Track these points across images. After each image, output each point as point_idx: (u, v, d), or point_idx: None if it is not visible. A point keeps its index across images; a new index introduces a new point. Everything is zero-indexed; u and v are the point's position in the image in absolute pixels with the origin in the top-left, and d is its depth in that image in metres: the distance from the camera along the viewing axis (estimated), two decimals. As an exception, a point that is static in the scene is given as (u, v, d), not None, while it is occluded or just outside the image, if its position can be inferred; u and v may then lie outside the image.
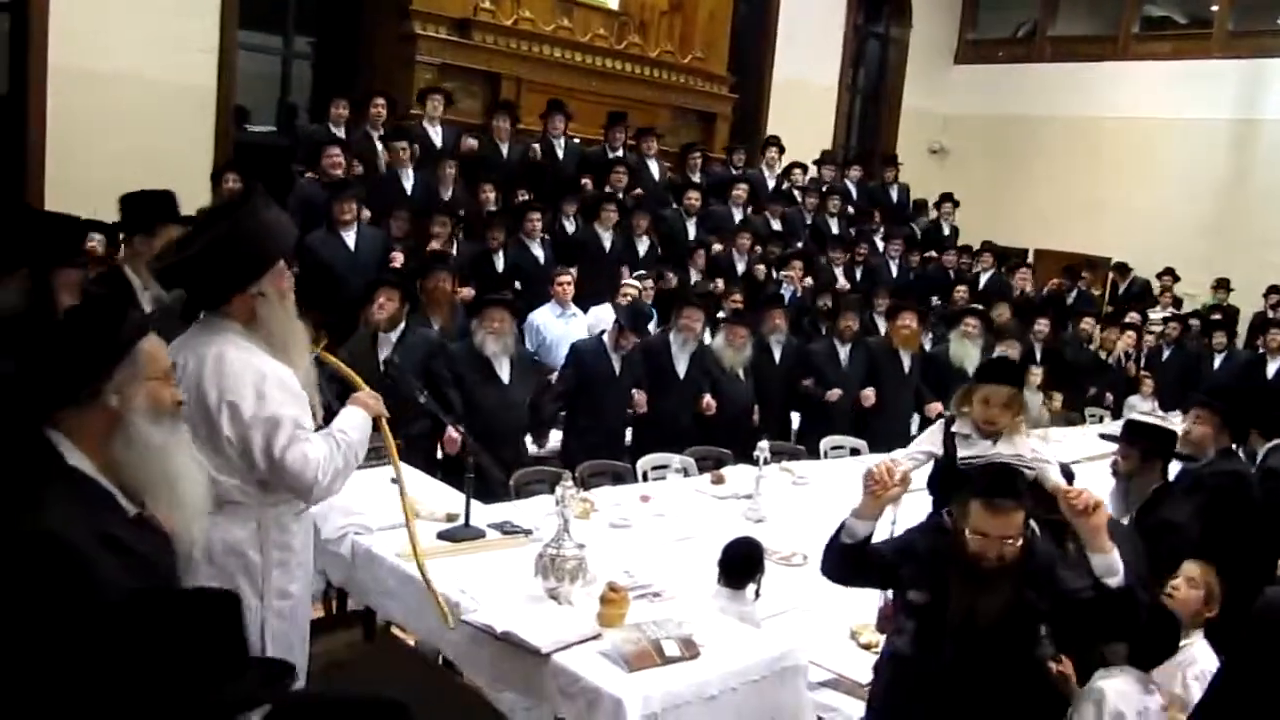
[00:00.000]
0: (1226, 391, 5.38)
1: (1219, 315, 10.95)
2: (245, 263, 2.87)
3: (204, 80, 8.93)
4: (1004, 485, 2.85)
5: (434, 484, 4.61)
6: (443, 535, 3.91)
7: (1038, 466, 3.89)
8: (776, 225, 10.34)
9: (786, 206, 10.70)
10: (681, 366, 6.44)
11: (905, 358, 7.34)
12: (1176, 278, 12.22)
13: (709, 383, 6.53)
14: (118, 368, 2.05)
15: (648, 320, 6.11)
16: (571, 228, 8.77)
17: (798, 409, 7.33)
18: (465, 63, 9.74)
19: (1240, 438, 4.76)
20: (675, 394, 6.38)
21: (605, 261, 8.42)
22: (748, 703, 3.06)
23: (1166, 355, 10.13)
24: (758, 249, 9.50)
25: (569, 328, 7.25)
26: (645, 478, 5.74)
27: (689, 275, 8.68)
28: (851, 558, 3.09)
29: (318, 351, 3.17)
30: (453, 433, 5.12)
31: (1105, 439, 4.83)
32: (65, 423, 2.01)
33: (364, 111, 8.50)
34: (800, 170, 11.63)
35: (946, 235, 11.88)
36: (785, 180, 11.37)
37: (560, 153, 9.55)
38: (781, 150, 11.49)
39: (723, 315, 7.18)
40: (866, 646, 3.56)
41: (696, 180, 10.25)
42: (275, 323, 2.92)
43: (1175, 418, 8.42)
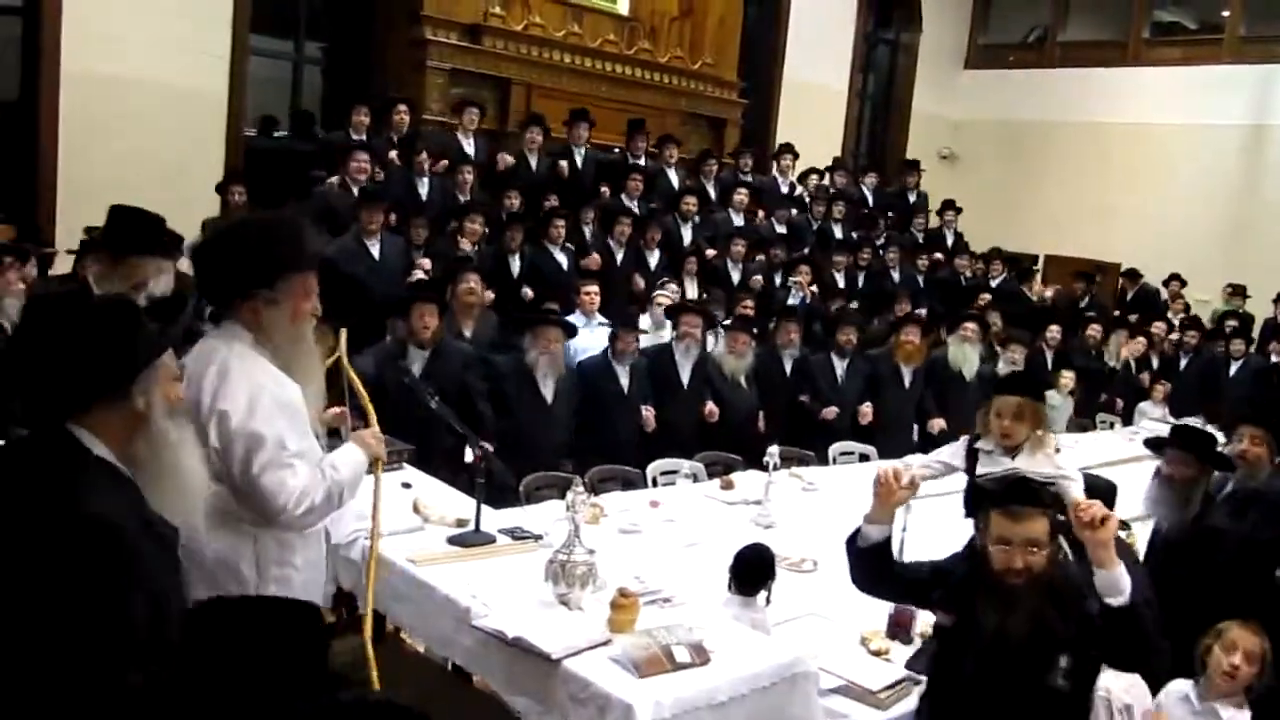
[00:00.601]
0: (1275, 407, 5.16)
1: (1235, 321, 10.88)
2: (262, 262, 2.81)
3: (215, 85, 8.97)
4: (1021, 492, 2.83)
5: (445, 490, 4.61)
6: (453, 540, 3.91)
7: (1058, 482, 3.77)
8: (781, 230, 10.31)
9: (792, 212, 10.67)
10: (685, 374, 6.44)
11: (907, 372, 7.26)
12: (1184, 283, 12.18)
13: (711, 391, 6.51)
14: (148, 370, 2.15)
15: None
16: (590, 236, 8.80)
17: (800, 422, 7.20)
18: (475, 68, 9.76)
19: None
20: (679, 402, 6.39)
21: (616, 274, 8.41)
22: (758, 709, 3.05)
23: (1185, 363, 10.06)
24: (760, 256, 9.46)
25: (594, 338, 7.21)
26: (655, 483, 5.74)
27: (683, 282, 8.62)
28: (867, 563, 3.08)
29: (334, 359, 3.12)
30: (469, 451, 5.12)
31: (1150, 445, 4.65)
32: (90, 419, 2.08)
33: (386, 118, 8.53)
34: (816, 175, 11.61)
35: (951, 244, 11.79)
36: (801, 186, 11.35)
37: (580, 161, 9.59)
38: (796, 156, 11.49)
39: (726, 322, 7.15)
40: (877, 653, 3.55)
41: (710, 187, 10.25)
42: (279, 334, 2.84)
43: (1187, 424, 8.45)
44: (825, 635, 3.68)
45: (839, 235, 10.76)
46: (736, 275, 9.08)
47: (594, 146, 9.83)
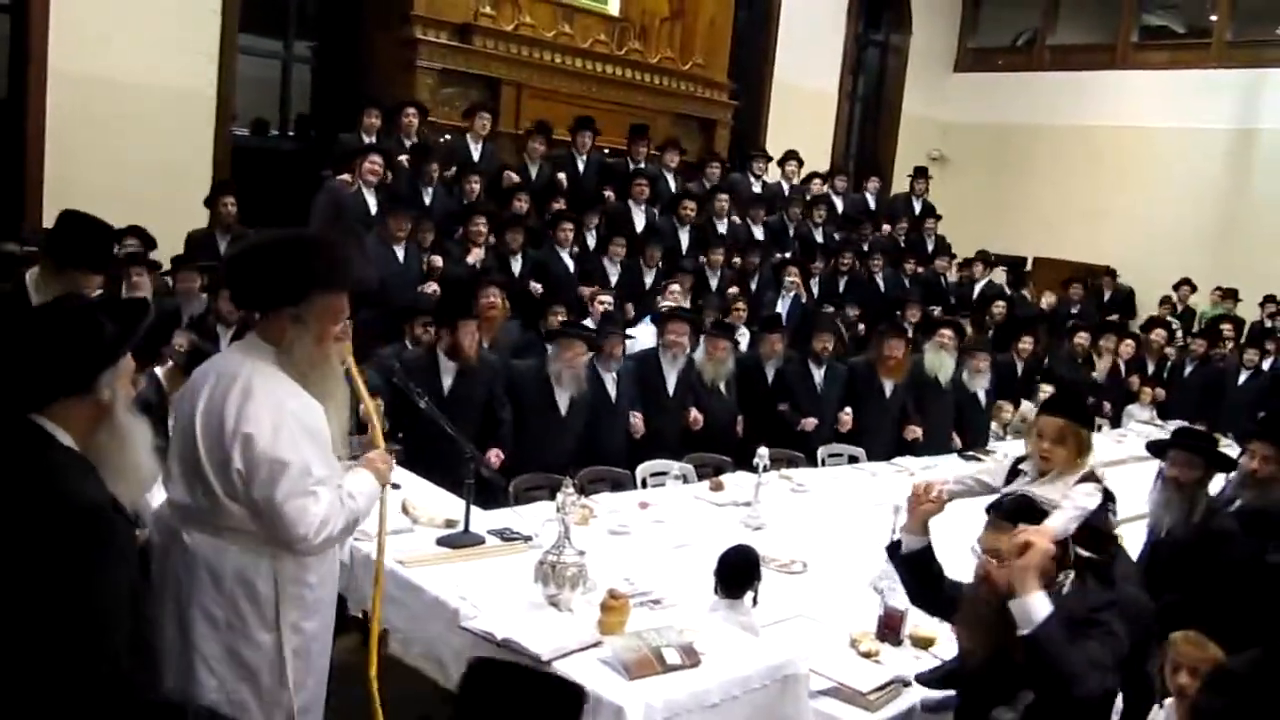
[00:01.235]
0: None
1: (1229, 326, 10.87)
2: (291, 278, 2.78)
3: (204, 85, 8.93)
4: (1015, 509, 2.89)
5: (434, 490, 4.61)
6: (442, 541, 3.91)
7: (1051, 510, 3.67)
8: (759, 233, 10.24)
9: (768, 215, 10.57)
10: (671, 382, 6.44)
11: (888, 384, 7.14)
12: (1194, 287, 12.25)
13: (694, 398, 6.51)
14: (115, 366, 2.22)
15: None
16: (594, 241, 8.79)
17: (780, 431, 6.97)
18: (465, 68, 9.74)
19: None
20: (665, 410, 6.38)
21: (613, 287, 8.33)
22: (749, 711, 3.06)
23: (1189, 371, 9.95)
24: (736, 260, 9.42)
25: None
26: (644, 485, 5.74)
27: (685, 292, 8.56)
28: (909, 571, 3.20)
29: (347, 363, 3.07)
30: (488, 457, 5.21)
31: (1152, 449, 4.57)
32: (56, 411, 2.14)
33: (395, 121, 8.54)
34: (820, 180, 11.60)
35: (932, 249, 11.74)
36: (805, 190, 11.33)
37: (582, 167, 9.58)
38: (800, 163, 11.48)
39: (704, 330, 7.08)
40: (867, 655, 3.55)
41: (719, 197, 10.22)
42: (301, 354, 2.79)
43: (1173, 428, 8.46)
44: (815, 637, 3.68)
45: (820, 239, 10.74)
46: (715, 282, 8.96)
47: (595, 149, 9.84)
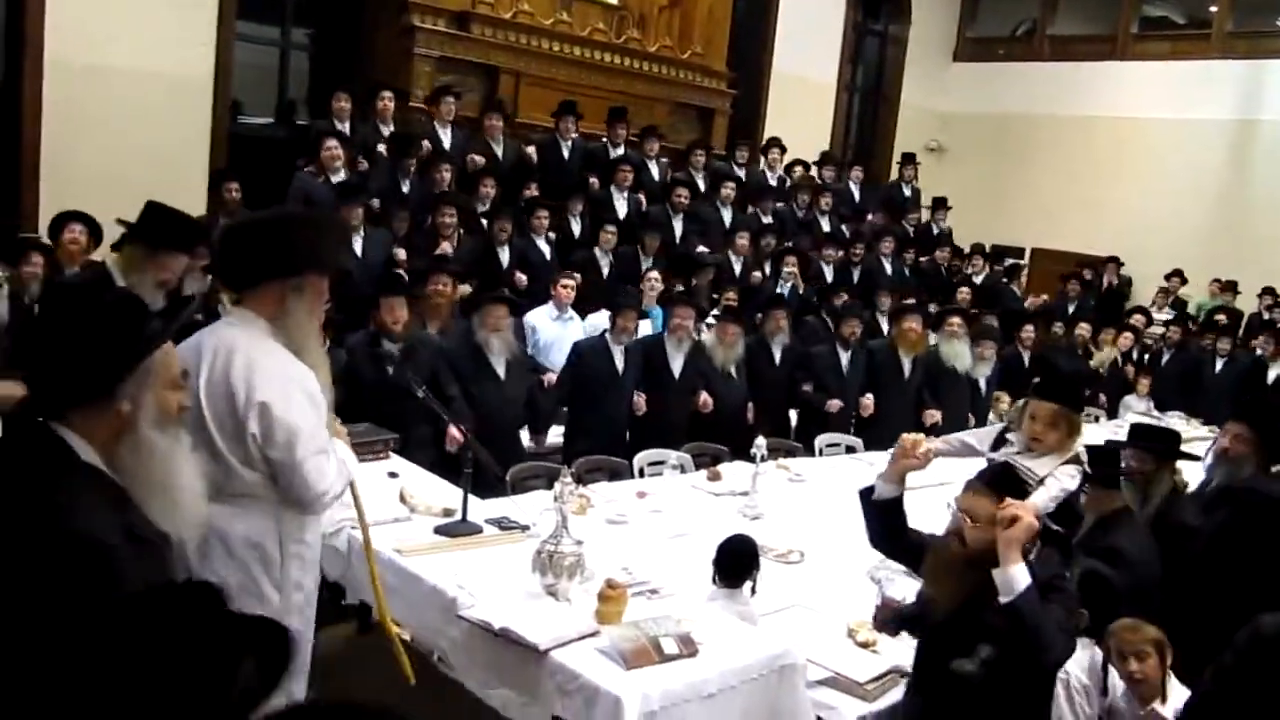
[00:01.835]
0: (1266, 406, 4.94)
1: (1223, 317, 10.91)
2: (297, 251, 2.93)
3: (201, 72, 8.89)
4: (995, 477, 2.99)
5: (432, 479, 4.60)
6: (440, 530, 3.90)
7: (1033, 488, 3.74)
8: (768, 220, 10.31)
9: (778, 202, 10.64)
10: (677, 366, 6.45)
11: (906, 363, 7.32)
12: (1184, 280, 12.26)
13: (703, 382, 6.54)
14: (133, 373, 2.05)
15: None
16: (578, 227, 8.74)
17: (797, 410, 7.32)
18: (464, 56, 9.70)
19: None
20: (671, 393, 6.40)
21: (604, 278, 8.33)
22: (746, 701, 3.05)
23: (1167, 359, 10.09)
24: (748, 246, 9.45)
25: (565, 331, 7.22)
26: (642, 474, 5.73)
27: (690, 282, 8.57)
28: (880, 516, 3.23)
29: None
30: (454, 431, 5.13)
31: (1114, 445, 4.59)
32: (75, 421, 2.00)
33: (370, 105, 8.47)
34: (802, 168, 11.62)
35: (938, 235, 11.85)
36: (788, 178, 11.35)
37: (566, 152, 9.54)
38: (783, 151, 11.50)
39: (715, 313, 7.17)
40: (864, 645, 3.55)
41: (699, 180, 10.22)
42: (297, 322, 2.93)
43: (1171, 418, 8.50)
44: (812, 627, 3.68)
45: (826, 228, 10.77)
46: (739, 268, 9.08)
47: (582, 136, 9.81)
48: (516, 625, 3.04)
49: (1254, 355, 10.08)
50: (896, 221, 11.66)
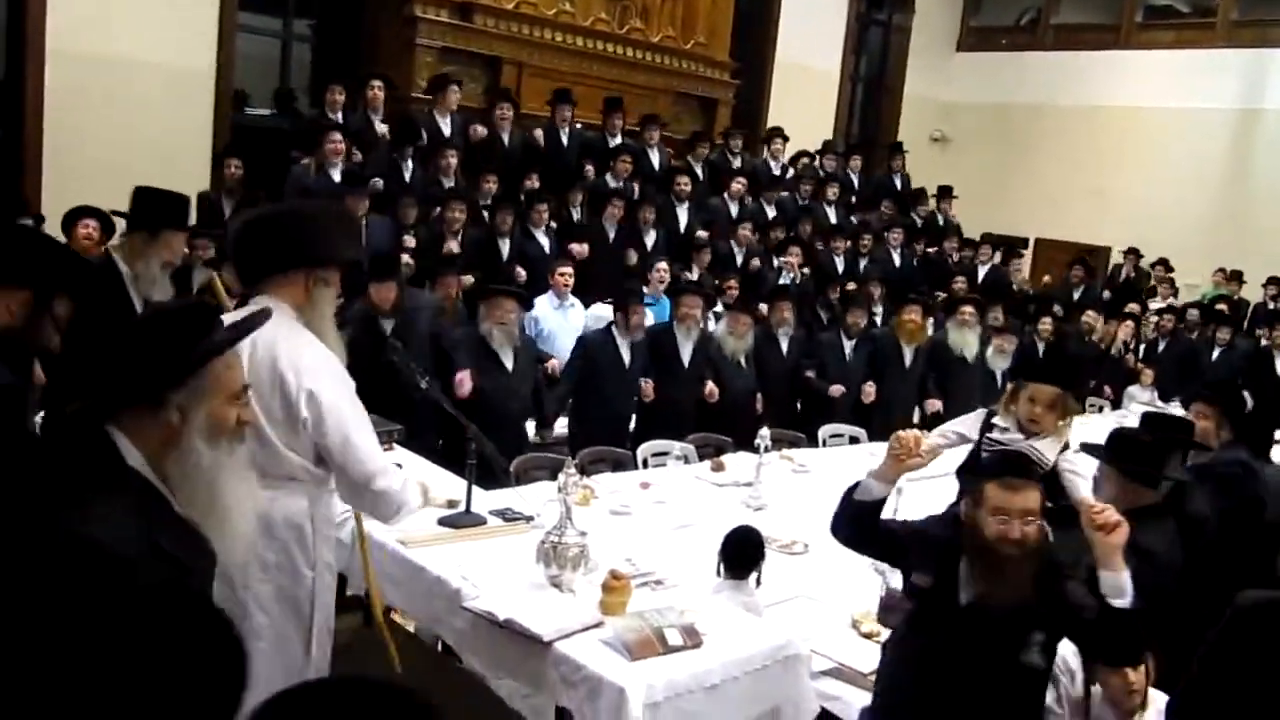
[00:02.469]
0: (1226, 384, 5.21)
1: (1224, 306, 10.90)
2: (327, 243, 3.02)
3: (203, 63, 8.88)
4: (1017, 466, 2.88)
5: (435, 470, 4.60)
6: (443, 521, 3.90)
7: (1069, 479, 3.75)
8: (772, 212, 10.30)
9: (781, 193, 10.63)
10: (686, 354, 6.46)
11: (908, 352, 7.42)
12: (1170, 268, 12.23)
13: (712, 371, 6.56)
14: (186, 383, 1.98)
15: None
16: (577, 217, 8.74)
17: (801, 398, 7.37)
18: (466, 46, 9.69)
19: (1259, 448, 4.60)
20: (680, 381, 6.41)
21: (610, 255, 8.37)
22: (750, 691, 3.06)
23: (1163, 347, 10.09)
24: (754, 236, 9.45)
25: (567, 319, 7.23)
26: (645, 464, 5.73)
27: (690, 268, 8.60)
28: (861, 516, 3.04)
29: None
30: (465, 379, 5.36)
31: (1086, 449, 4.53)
32: (125, 422, 1.95)
33: (361, 94, 8.46)
34: (807, 159, 11.60)
35: (943, 226, 11.85)
36: (792, 168, 11.34)
37: (565, 141, 9.53)
38: (786, 140, 11.47)
39: (726, 304, 7.20)
40: (868, 636, 3.55)
41: (699, 169, 10.21)
42: (321, 312, 3.03)
43: (1175, 408, 8.49)
44: (816, 617, 3.68)
45: (833, 219, 10.76)
46: (740, 258, 9.09)
47: (581, 126, 9.78)
48: (520, 616, 3.04)
49: (1256, 344, 10.06)
50: (905, 213, 11.64)
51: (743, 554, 3.61)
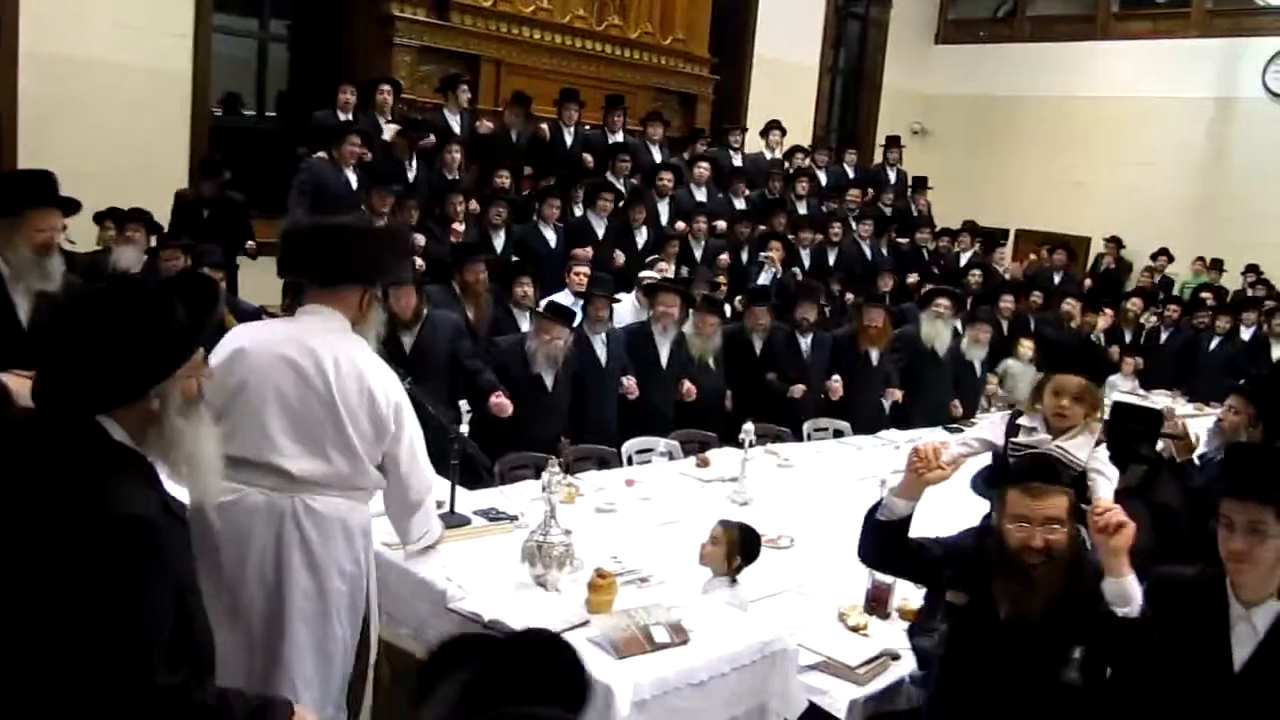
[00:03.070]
0: (1268, 382, 5.01)
1: (1209, 295, 10.93)
2: (387, 263, 3.20)
3: (179, 64, 8.81)
4: (1042, 470, 2.72)
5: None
6: (428, 522, 3.88)
7: (1093, 478, 3.55)
8: (740, 205, 10.18)
9: (750, 188, 10.51)
10: (664, 354, 6.43)
11: (873, 351, 7.18)
12: (1171, 258, 12.32)
13: (686, 371, 6.51)
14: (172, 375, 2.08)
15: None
16: (579, 213, 8.74)
17: (768, 402, 6.95)
18: (443, 45, 9.65)
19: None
20: (659, 382, 6.36)
21: (598, 250, 8.30)
22: (738, 687, 3.06)
23: (1165, 337, 10.08)
24: (719, 226, 9.39)
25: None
26: (630, 462, 5.72)
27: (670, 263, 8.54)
28: (888, 537, 2.90)
29: None
30: (504, 403, 5.37)
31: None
32: (111, 410, 2.04)
33: (370, 98, 8.46)
34: (802, 154, 11.57)
35: (917, 216, 11.81)
36: (788, 162, 11.31)
37: (569, 139, 9.52)
38: (784, 132, 11.45)
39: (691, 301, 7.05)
40: (855, 629, 3.55)
41: (702, 166, 10.18)
42: (372, 327, 3.17)
43: (1157, 396, 8.53)
44: (803, 612, 3.68)
45: (803, 211, 10.69)
46: (699, 252, 8.92)
47: (588, 126, 9.79)
48: (506, 616, 3.03)
49: (1253, 331, 10.03)
50: (871, 202, 11.55)
51: (754, 550, 3.64)
